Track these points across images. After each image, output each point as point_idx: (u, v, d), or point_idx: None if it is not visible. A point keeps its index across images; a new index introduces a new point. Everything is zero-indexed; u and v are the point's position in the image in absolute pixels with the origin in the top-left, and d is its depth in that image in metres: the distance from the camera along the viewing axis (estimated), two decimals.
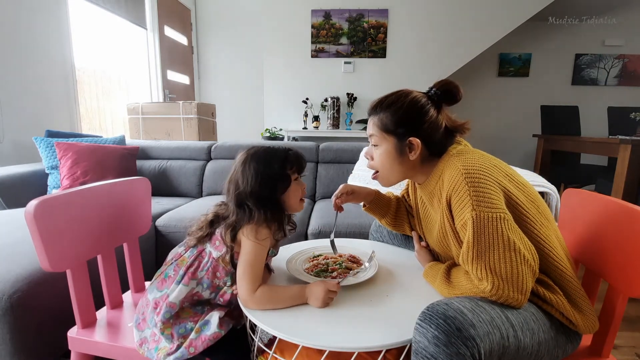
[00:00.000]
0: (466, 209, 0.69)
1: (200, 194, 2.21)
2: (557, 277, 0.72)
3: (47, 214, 0.76)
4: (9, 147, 2.02)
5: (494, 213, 0.67)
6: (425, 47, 3.73)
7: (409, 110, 0.79)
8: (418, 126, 0.79)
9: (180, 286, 0.82)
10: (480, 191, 0.68)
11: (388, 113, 0.81)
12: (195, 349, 0.79)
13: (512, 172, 0.76)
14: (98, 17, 2.84)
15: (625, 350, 1.36)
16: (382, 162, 0.85)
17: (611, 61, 4.34)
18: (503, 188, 0.71)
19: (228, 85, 4.42)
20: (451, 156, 0.78)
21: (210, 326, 0.80)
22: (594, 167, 3.43)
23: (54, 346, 0.99)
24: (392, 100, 0.82)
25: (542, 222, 0.73)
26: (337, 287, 0.77)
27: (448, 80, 0.81)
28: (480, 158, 0.74)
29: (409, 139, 0.79)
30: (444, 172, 0.77)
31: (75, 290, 0.85)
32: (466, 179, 0.70)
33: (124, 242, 1.03)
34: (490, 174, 0.71)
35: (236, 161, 0.85)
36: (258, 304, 0.77)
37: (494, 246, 0.66)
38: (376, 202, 1.05)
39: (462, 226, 0.71)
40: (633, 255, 0.72)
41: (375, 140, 0.84)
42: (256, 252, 0.79)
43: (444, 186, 0.75)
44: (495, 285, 0.66)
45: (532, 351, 0.65)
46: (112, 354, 0.85)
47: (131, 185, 1.02)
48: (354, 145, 2.22)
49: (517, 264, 0.66)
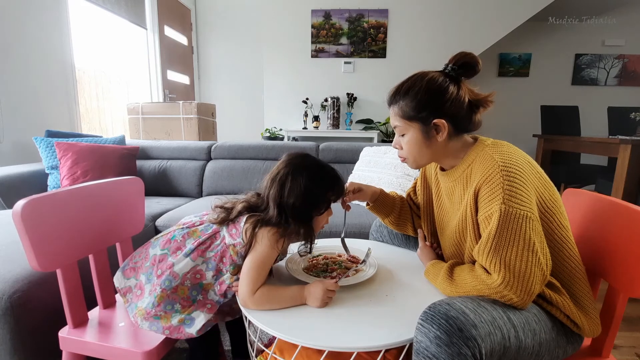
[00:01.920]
0: (495, 201, 0.68)
1: (200, 194, 2.21)
2: (568, 277, 0.73)
3: (35, 214, 0.76)
4: (9, 147, 2.02)
5: (523, 211, 0.67)
6: (425, 47, 3.73)
7: (428, 92, 0.77)
8: (440, 106, 0.76)
9: (188, 260, 0.84)
10: (515, 187, 0.68)
11: (407, 100, 0.78)
12: (170, 333, 0.82)
13: (540, 170, 0.76)
14: (98, 17, 2.84)
15: (625, 350, 1.36)
16: (411, 150, 0.82)
17: (611, 61, 4.34)
18: (535, 187, 0.71)
19: (228, 85, 4.42)
20: (485, 146, 0.77)
21: (192, 325, 0.83)
22: (594, 167, 3.42)
23: (54, 346, 0.99)
24: (409, 86, 0.79)
25: (562, 221, 0.74)
26: (336, 286, 0.77)
27: (464, 53, 0.78)
28: (517, 153, 0.74)
29: (434, 121, 0.77)
30: (475, 160, 0.76)
31: (66, 290, 0.85)
32: (502, 171, 0.69)
33: (116, 241, 1.02)
34: (526, 172, 0.70)
35: (285, 162, 0.84)
36: (257, 304, 0.77)
37: (514, 243, 0.66)
38: (381, 201, 1.04)
39: (485, 218, 0.70)
40: (633, 255, 0.72)
41: (400, 129, 0.82)
42: (267, 255, 0.79)
43: (474, 176, 0.75)
44: (505, 280, 0.66)
45: (532, 351, 0.65)
46: (102, 354, 0.85)
47: (123, 185, 1.02)
48: (354, 145, 2.22)
49: (532, 265, 0.66)
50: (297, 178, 0.80)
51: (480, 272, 0.70)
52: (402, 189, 1.76)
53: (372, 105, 3.89)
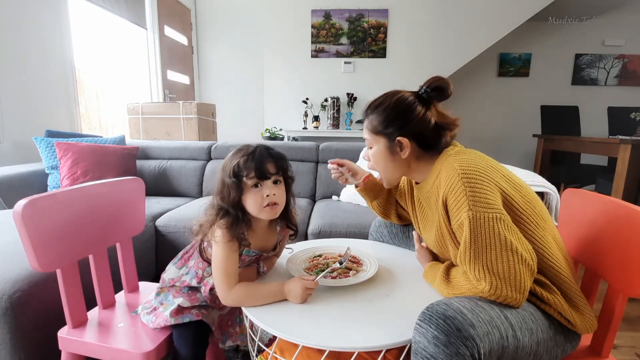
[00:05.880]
0: (462, 209, 0.68)
1: (200, 194, 2.21)
2: (553, 277, 0.73)
3: (35, 214, 0.76)
4: (9, 147, 2.02)
5: (491, 213, 0.67)
6: (425, 47, 3.73)
7: (395, 109, 0.80)
8: (405, 124, 0.80)
9: (174, 268, 0.93)
10: (477, 191, 0.68)
11: (376, 114, 0.83)
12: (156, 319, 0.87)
13: (508, 173, 0.76)
14: (98, 16, 2.84)
15: (625, 350, 1.36)
16: (377, 163, 0.87)
17: (611, 61, 4.34)
18: (500, 188, 0.71)
19: (228, 85, 4.42)
20: (448, 156, 0.78)
21: (167, 309, 0.87)
22: (594, 167, 3.43)
23: (54, 346, 0.99)
24: (379, 102, 0.83)
25: (538, 222, 0.73)
26: (315, 284, 0.78)
27: (438, 77, 0.81)
28: (477, 158, 0.74)
29: (398, 139, 0.80)
30: (441, 172, 0.77)
31: (66, 290, 0.85)
32: (462, 179, 0.69)
33: (117, 242, 1.03)
34: (486, 174, 0.71)
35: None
36: (236, 301, 0.79)
37: (490, 246, 0.66)
38: (370, 184, 1.06)
39: (458, 227, 0.71)
40: (633, 255, 0.72)
41: (368, 142, 0.87)
42: (220, 252, 0.81)
43: (441, 186, 0.75)
44: (493, 285, 0.66)
45: (530, 350, 0.65)
46: (102, 354, 0.85)
47: (123, 186, 1.02)
48: (354, 145, 2.22)
49: (515, 264, 0.66)
50: (219, 170, 0.84)
51: (471, 276, 0.70)
52: None
53: None
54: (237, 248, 0.83)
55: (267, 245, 0.92)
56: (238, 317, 1.00)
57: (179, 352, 0.85)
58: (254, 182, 0.81)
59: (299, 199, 2.10)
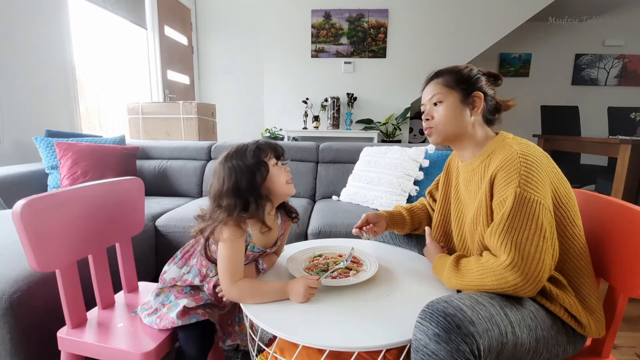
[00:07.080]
0: (511, 185, 0.70)
1: (200, 194, 2.21)
2: (576, 275, 0.73)
3: (35, 214, 0.76)
4: (9, 147, 2.02)
5: (537, 197, 0.68)
6: (425, 47, 3.73)
7: (470, 73, 0.85)
8: (479, 85, 0.84)
9: (174, 267, 0.92)
10: (532, 174, 0.70)
11: (451, 75, 0.86)
12: (160, 321, 0.86)
13: (556, 166, 0.78)
14: (98, 17, 2.84)
15: (625, 350, 1.36)
16: (445, 115, 0.84)
17: (611, 61, 4.34)
18: (550, 181, 0.73)
19: (228, 85, 4.42)
20: (506, 138, 0.80)
21: (173, 311, 0.86)
22: (594, 167, 3.43)
23: (54, 346, 0.99)
24: (451, 68, 0.87)
25: (574, 218, 0.75)
26: (318, 283, 0.79)
27: (493, 72, 0.89)
28: (536, 147, 0.77)
29: (475, 93, 0.83)
30: (494, 152, 0.79)
31: (65, 290, 0.85)
32: (521, 158, 0.71)
33: (116, 242, 1.03)
34: (543, 163, 0.73)
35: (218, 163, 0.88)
36: (239, 296, 0.80)
37: (526, 226, 0.67)
38: (391, 221, 1.08)
39: (499, 203, 0.72)
40: (633, 255, 0.72)
41: (438, 97, 0.86)
42: (226, 250, 0.81)
43: (492, 164, 0.77)
44: (514, 262, 0.66)
45: (529, 347, 0.66)
46: (101, 354, 0.85)
47: (122, 186, 1.02)
48: (354, 145, 2.22)
49: (541, 251, 0.66)
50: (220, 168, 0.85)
51: (487, 257, 0.71)
52: (401, 188, 1.77)
53: (372, 105, 3.89)
54: (244, 244, 0.84)
55: (269, 240, 0.92)
56: (237, 316, 1.00)
57: (185, 353, 0.85)
58: (274, 162, 0.87)
59: (299, 199, 2.10)
